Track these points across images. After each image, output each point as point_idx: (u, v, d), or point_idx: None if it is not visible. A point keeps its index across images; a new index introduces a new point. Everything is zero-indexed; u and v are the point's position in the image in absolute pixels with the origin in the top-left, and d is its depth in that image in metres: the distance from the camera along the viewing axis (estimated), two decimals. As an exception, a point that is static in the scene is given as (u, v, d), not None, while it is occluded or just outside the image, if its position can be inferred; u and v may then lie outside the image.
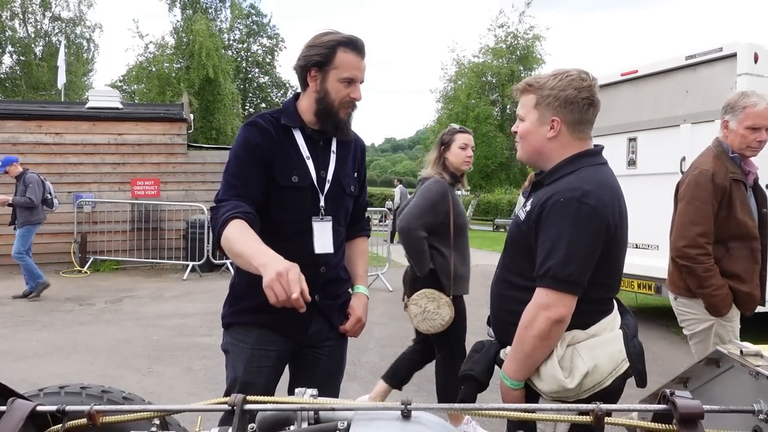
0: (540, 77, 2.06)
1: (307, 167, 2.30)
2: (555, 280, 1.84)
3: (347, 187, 2.41)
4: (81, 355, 6.25)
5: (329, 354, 2.45)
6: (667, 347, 6.90)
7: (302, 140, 2.32)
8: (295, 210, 2.29)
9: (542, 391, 1.90)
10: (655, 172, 7.21)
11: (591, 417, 1.16)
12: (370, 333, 7.38)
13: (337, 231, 2.38)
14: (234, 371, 2.34)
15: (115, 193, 12.57)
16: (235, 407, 1.19)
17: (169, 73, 27.74)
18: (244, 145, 2.26)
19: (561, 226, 1.85)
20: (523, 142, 2.08)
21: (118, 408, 1.21)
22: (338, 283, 2.45)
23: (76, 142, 12.43)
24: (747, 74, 6.24)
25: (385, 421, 1.18)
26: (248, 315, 2.32)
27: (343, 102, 2.26)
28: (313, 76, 2.26)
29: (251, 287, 2.29)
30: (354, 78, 2.24)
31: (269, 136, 2.26)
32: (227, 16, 34.80)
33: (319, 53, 2.23)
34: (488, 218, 35.28)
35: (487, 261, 14.39)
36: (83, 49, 33.82)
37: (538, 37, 28.07)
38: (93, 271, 11.93)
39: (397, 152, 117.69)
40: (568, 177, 1.94)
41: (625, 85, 7.73)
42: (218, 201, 2.20)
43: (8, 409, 1.18)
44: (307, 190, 2.29)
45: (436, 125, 28.08)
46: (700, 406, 1.11)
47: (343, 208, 2.41)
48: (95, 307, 8.79)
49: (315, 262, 2.31)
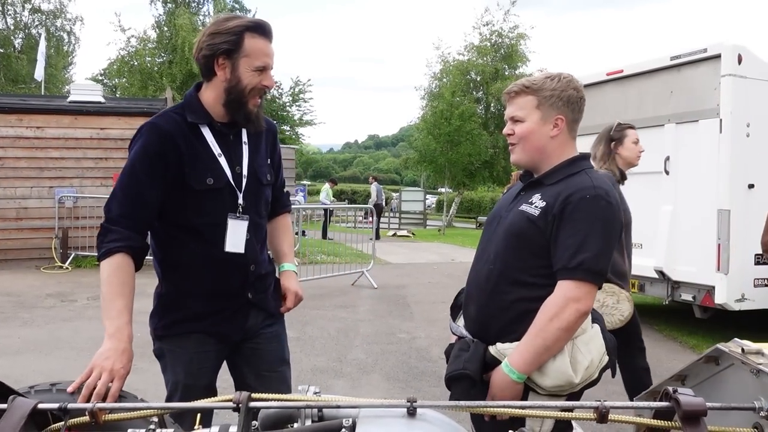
0: (534, 79, 2.07)
1: (221, 165, 2.18)
2: (589, 273, 1.89)
3: (263, 177, 2.32)
4: (64, 351, 6.18)
5: (266, 343, 2.37)
6: (650, 344, 6.92)
7: (211, 137, 2.20)
8: (213, 212, 2.18)
9: (542, 386, 1.91)
10: (640, 171, 7.21)
11: (595, 414, 1.17)
12: (356, 330, 7.38)
13: (258, 225, 2.30)
14: (174, 375, 2.26)
15: (98, 188, 12.40)
16: (240, 405, 1.18)
17: (151, 68, 27.44)
18: (142, 156, 2.12)
19: (591, 220, 1.91)
20: (524, 143, 2.08)
21: (121, 406, 1.19)
22: (268, 276, 2.39)
23: (57, 136, 12.24)
24: (731, 75, 6.31)
25: (390, 418, 1.18)
26: (182, 326, 2.24)
27: (253, 90, 2.14)
28: (221, 65, 2.12)
29: (180, 297, 2.26)
30: (266, 65, 2.14)
31: (172, 143, 2.12)
32: (210, 11, 34.51)
33: (226, 40, 2.10)
34: (471, 216, 35.36)
35: (470, 258, 14.25)
36: (63, 42, 33.35)
37: (522, 35, 28.18)
38: (75, 267, 11.79)
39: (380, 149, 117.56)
40: (576, 177, 2.02)
41: (611, 84, 7.78)
42: (108, 218, 2.08)
43: (9, 407, 1.17)
44: (224, 189, 2.19)
45: (421, 122, 28.10)
46: (703, 404, 1.13)
47: (262, 199, 2.33)
48: (77, 303, 8.69)
49: (243, 261, 2.23)
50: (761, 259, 6.51)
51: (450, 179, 27.19)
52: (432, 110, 26.67)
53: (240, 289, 2.26)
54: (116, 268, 2.00)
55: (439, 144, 25.34)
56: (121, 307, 1.95)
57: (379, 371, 5.84)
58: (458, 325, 2.21)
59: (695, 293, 6.77)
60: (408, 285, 10.89)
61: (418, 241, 21.20)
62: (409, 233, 23.12)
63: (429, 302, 9.08)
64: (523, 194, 2.12)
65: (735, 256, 6.37)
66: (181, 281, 2.25)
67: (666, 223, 6.97)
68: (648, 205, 6.70)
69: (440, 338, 6.90)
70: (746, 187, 6.43)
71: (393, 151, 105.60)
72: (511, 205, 2.13)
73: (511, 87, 2.12)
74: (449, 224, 27.58)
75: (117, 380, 1.76)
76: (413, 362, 6.12)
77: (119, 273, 2.00)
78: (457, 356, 2.01)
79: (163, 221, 2.20)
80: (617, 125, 4.08)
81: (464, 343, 2.06)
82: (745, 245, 6.39)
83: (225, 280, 2.23)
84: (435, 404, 1.20)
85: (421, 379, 5.57)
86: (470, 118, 25.38)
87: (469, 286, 2.16)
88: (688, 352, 6.75)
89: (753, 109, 6.41)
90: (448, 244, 19.68)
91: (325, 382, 5.42)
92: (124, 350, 1.86)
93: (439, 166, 26.18)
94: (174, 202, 2.15)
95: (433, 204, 39.03)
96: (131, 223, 2.07)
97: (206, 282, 2.21)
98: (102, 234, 2.06)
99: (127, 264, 2.03)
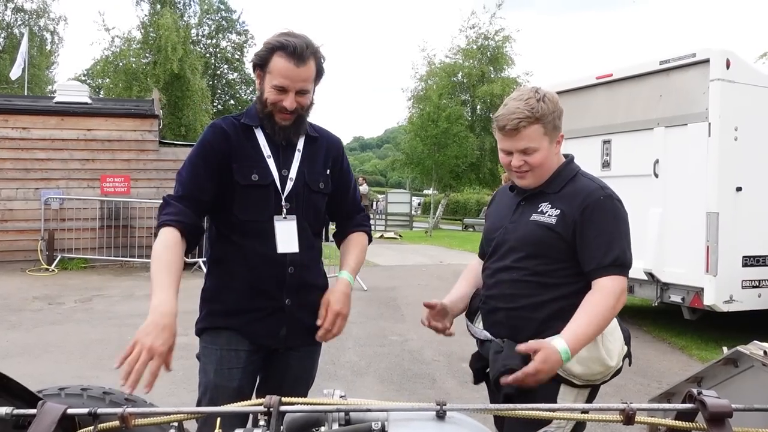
0: (531, 107, 2.05)
1: (268, 166, 2.28)
2: (624, 267, 2.06)
3: (314, 183, 2.35)
4: (53, 355, 6.12)
5: (300, 359, 2.38)
6: (639, 346, 7.03)
7: (263, 139, 2.30)
8: (256, 209, 2.26)
9: (574, 375, 2.02)
10: (629, 174, 7.36)
11: (622, 416, 1.19)
12: (348, 332, 7.34)
13: (305, 230, 2.32)
14: (205, 375, 2.30)
15: (84, 189, 12.30)
16: (271, 409, 1.18)
17: (136, 68, 27.24)
18: (199, 147, 2.28)
19: (611, 220, 2.08)
20: (540, 170, 2.15)
21: (151, 410, 1.19)
22: (313, 290, 2.36)
23: (43, 137, 12.12)
24: (719, 80, 6.40)
25: (420, 421, 1.19)
26: (217, 318, 2.30)
27: (276, 107, 2.21)
28: (258, 75, 2.26)
29: (220, 291, 2.32)
30: (284, 87, 2.18)
31: (225, 138, 2.26)
32: (196, 11, 34.33)
33: (259, 54, 2.21)
34: (457, 218, 35.47)
35: (458, 260, 14.49)
36: (46, 42, 33.01)
37: (508, 38, 28.33)
38: (61, 270, 11.68)
39: (365, 151, 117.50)
40: (577, 181, 2.16)
41: (600, 88, 7.85)
42: (165, 198, 2.23)
43: (39, 413, 1.16)
44: (269, 188, 2.26)
45: (408, 124, 28.14)
46: (729, 405, 1.15)
47: (312, 207, 2.35)
48: (65, 306, 8.61)
49: (281, 261, 2.26)
50: (749, 261, 6.61)
51: (437, 181, 27.26)
52: (419, 112, 26.72)
53: (276, 291, 2.28)
54: (165, 247, 2.07)
55: (426, 146, 25.39)
56: (166, 281, 1.97)
57: (373, 374, 5.84)
58: (478, 327, 2.26)
59: (684, 295, 6.85)
60: (398, 287, 10.90)
61: (405, 242, 21.21)
62: (396, 235, 23.15)
63: (420, 304, 8.72)
64: (525, 204, 2.21)
65: (723, 258, 6.46)
66: (221, 276, 2.33)
67: (655, 225, 7.04)
68: (637, 208, 6.73)
69: (432, 340, 6.92)
70: (734, 190, 6.52)
71: (378, 153, 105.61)
72: (515, 217, 2.21)
73: (512, 119, 2.06)
74: (436, 226, 27.64)
75: (157, 358, 1.76)
76: (407, 364, 6.13)
77: (167, 252, 2.06)
78: (495, 359, 2.08)
79: (214, 219, 2.33)
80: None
81: (497, 345, 2.12)
82: (733, 247, 6.49)
83: (262, 278, 2.27)
84: (464, 407, 1.21)
85: (415, 382, 5.59)
86: (457, 121, 25.44)
87: (492, 297, 2.21)
88: (677, 353, 6.83)
89: (741, 113, 6.50)
90: (436, 246, 19.72)
91: (318, 385, 5.39)
92: (165, 326, 1.84)
93: (426, 168, 26.23)
94: (223, 197, 2.26)
95: (419, 206, 39.13)
96: (188, 203, 2.19)
97: (243, 278, 2.27)
98: (162, 206, 2.20)
99: (177, 241, 2.11)
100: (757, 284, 6.67)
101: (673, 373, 6.03)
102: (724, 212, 6.44)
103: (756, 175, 6.62)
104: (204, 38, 36.72)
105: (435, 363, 6.13)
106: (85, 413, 1.18)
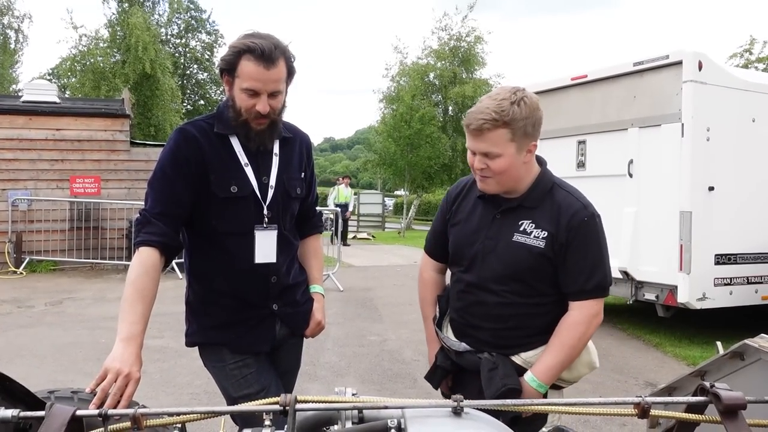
0: (502, 108, 1.91)
1: (246, 175, 2.18)
2: (603, 290, 2.06)
3: (293, 190, 2.30)
4: (26, 359, 5.98)
5: (286, 353, 2.42)
6: (615, 343, 7.14)
7: (239, 146, 2.19)
8: (237, 221, 2.18)
9: (562, 379, 2.05)
10: (604, 174, 7.46)
11: (637, 410, 1.20)
12: (327, 333, 7.29)
13: (284, 237, 2.28)
14: (225, 392, 2.29)
15: (53, 190, 12.05)
16: (288, 407, 1.16)
17: (104, 68, 26.78)
18: (170, 158, 2.14)
19: (594, 242, 2.04)
20: (502, 177, 2.00)
21: (163, 410, 1.17)
22: (297, 288, 2.38)
23: (10, 137, 11.84)
24: (692, 81, 6.52)
25: (438, 418, 1.19)
26: (210, 332, 2.27)
27: (249, 112, 2.10)
28: (227, 81, 2.13)
29: (205, 305, 2.28)
30: (256, 90, 2.06)
31: (199, 148, 2.14)
32: (165, 10, 33.87)
33: (226, 59, 2.09)
34: (429, 218, 35.56)
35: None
36: (10, 40, 32.25)
37: (479, 39, 28.49)
38: (29, 272, 11.43)
39: (336, 152, 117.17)
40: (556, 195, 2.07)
41: (575, 89, 7.93)
42: (144, 213, 2.11)
43: (48, 414, 1.13)
44: (249, 199, 2.18)
45: (380, 125, 28.12)
46: (743, 398, 1.16)
47: (288, 212, 2.31)
48: (35, 309, 8.43)
49: (264, 272, 2.23)
50: (721, 259, 6.74)
51: (409, 182, 27.29)
52: (392, 113, 26.72)
53: (263, 300, 2.27)
54: (143, 272, 1.99)
55: (398, 147, 25.41)
56: (139, 313, 1.92)
57: (354, 374, 5.83)
58: (449, 336, 2.19)
59: (658, 293, 6.96)
60: (374, 287, 10.89)
61: (378, 243, 21.23)
62: (369, 236, 23.13)
63: (397, 304, 9.09)
64: (501, 218, 2.08)
65: (696, 256, 6.57)
66: (204, 291, 2.28)
67: (630, 224, 7.14)
68: (612, 207, 6.85)
69: (411, 340, 6.93)
70: (707, 189, 6.64)
71: (349, 154, 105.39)
72: (492, 232, 2.07)
73: (477, 118, 1.93)
74: (408, 227, 27.68)
75: (132, 384, 1.73)
76: (386, 364, 6.13)
77: (144, 277, 1.99)
78: (491, 377, 1.99)
79: (190, 229, 2.23)
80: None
81: (489, 362, 2.03)
82: (706, 246, 6.62)
83: (246, 290, 2.24)
84: (480, 404, 1.20)
85: (396, 381, 5.58)
86: (430, 122, 25.52)
87: (472, 315, 2.13)
88: (651, 350, 6.94)
89: (713, 114, 6.63)
90: (409, 246, 19.75)
91: (300, 386, 5.35)
92: (136, 357, 1.81)
93: (399, 168, 26.25)
94: (200, 209, 2.17)
95: (391, 207, 39.13)
96: (168, 220, 2.10)
97: (228, 291, 2.23)
98: (141, 223, 2.09)
99: (155, 264, 2.03)
100: (729, 282, 6.81)
101: (648, 370, 6.13)
102: (696, 211, 6.56)
103: (727, 174, 6.76)
104: (173, 38, 36.29)
105: (415, 363, 6.13)
106: (96, 414, 1.15)
